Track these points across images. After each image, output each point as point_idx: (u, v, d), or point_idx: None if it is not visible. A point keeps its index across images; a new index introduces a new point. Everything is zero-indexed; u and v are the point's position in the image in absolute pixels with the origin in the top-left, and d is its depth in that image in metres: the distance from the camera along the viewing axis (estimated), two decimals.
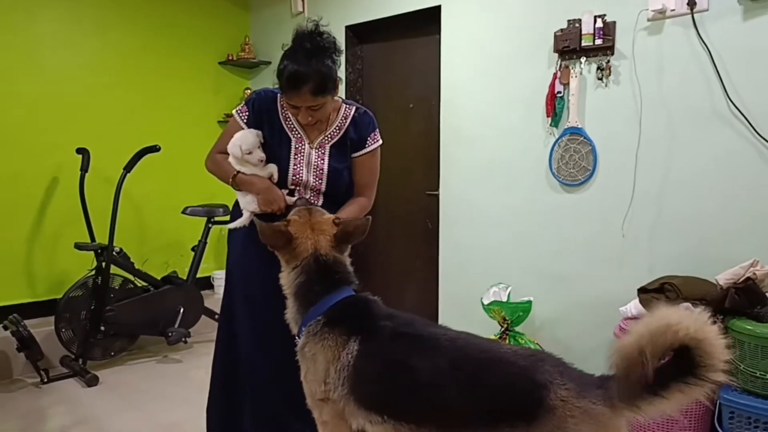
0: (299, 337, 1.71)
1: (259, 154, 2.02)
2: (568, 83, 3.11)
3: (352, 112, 2.10)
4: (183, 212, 3.86)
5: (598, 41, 2.95)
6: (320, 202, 2.08)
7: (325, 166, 2.07)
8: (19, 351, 3.36)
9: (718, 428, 2.41)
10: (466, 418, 1.43)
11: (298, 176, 2.06)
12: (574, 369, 1.44)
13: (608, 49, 2.97)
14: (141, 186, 4.12)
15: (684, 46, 2.78)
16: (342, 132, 2.09)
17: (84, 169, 3.73)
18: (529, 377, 1.38)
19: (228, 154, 2.05)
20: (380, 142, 2.15)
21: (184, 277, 3.97)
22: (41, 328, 3.53)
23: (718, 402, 2.44)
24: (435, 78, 3.74)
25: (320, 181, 2.07)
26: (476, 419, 1.41)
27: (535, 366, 1.40)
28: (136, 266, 3.78)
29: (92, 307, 3.54)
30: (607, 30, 2.94)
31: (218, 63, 4.77)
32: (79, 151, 3.76)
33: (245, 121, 2.07)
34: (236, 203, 2.19)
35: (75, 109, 3.99)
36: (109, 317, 3.55)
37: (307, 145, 2.06)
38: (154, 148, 3.64)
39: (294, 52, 1.88)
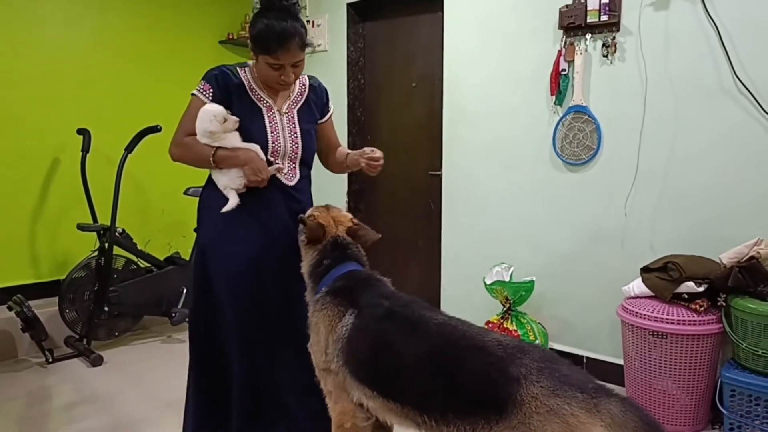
0: None
1: (234, 118, 1.96)
2: (572, 60, 3.06)
3: (308, 80, 2.18)
4: (185, 193, 3.84)
5: (604, 17, 2.91)
6: (298, 175, 2.08)
7: (298, 129, 2.08)
8: (23, 331, 3.38)
9: (719, 406, 2.42)
10: (444, 404, 1.42)
11: (277, 143, 2.02)
12: (563, 367, 1.35)
13: (614, 25, 2.92)
14: (143, 166, 4.10)
15: (691, 21, 2.73)
16: (304, 97, 2.14)
17: (85, 149, 3.71)
18: (503, 369, 1.35)
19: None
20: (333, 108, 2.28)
21: (187, 258, 3.97)
22: (45, 309, 3.54)
23: (719, 380, 2.45)
24: (438, 56, 3.69)
25: (297, 145, 2.06)
26: (453, 406, 1.41)
27: (512, 358, 1.36)
28: (139, 247, 3.79)
29: (96, 288, 3.56)
30: (613, 6, 2.89)
31: (218, 42, 4.71)
32: (80, 131, 3.74)
33: (210, 98, 1.99)
34: (206, 184, 2.11)
35: (75, 88, 3.95)
36: (112, 298, 3.57)
37: (276, 113, 2.05)
38: (156, 129, 3.62)
39: (269, 12, 1.89)
